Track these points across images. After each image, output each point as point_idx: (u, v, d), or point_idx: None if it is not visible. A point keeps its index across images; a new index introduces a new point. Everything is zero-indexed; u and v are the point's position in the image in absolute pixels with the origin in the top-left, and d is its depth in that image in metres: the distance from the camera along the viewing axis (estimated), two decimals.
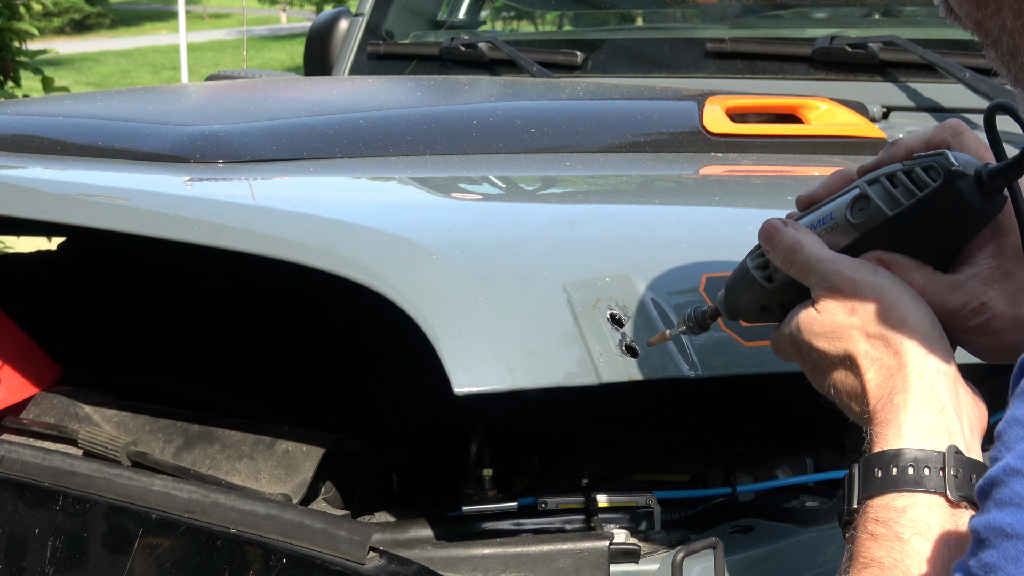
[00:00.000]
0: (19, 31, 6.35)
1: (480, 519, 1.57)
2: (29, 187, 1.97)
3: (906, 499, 1.14)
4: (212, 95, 2.73)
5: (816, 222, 1.29)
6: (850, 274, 1.22)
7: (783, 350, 1.29)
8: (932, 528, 1.12)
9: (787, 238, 1.26)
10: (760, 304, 1.31)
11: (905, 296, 1.21)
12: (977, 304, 1.24)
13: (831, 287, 1.22)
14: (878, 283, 1.21)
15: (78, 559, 1.67)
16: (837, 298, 1.22)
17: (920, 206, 1.23)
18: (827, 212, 1.28)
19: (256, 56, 27.61)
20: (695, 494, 1.66)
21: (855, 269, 1.22)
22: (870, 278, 1.22)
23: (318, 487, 1.70)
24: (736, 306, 1.34)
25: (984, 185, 1.21)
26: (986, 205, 1.22)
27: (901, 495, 1.14)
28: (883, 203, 1.24)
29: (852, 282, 1.22)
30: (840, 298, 1.22)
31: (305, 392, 2.02)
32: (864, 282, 1.21)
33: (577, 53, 3.21)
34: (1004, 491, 0.90)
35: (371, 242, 1.54)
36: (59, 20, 35.55)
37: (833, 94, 2.67)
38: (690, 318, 1.39)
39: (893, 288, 1.21)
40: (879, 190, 1.25)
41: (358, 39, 3.55)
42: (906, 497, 1.14)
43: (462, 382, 1.33)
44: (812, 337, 1.24)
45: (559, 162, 2.24)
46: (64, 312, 2.46)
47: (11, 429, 1.92)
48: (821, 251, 1.24)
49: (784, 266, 1.27)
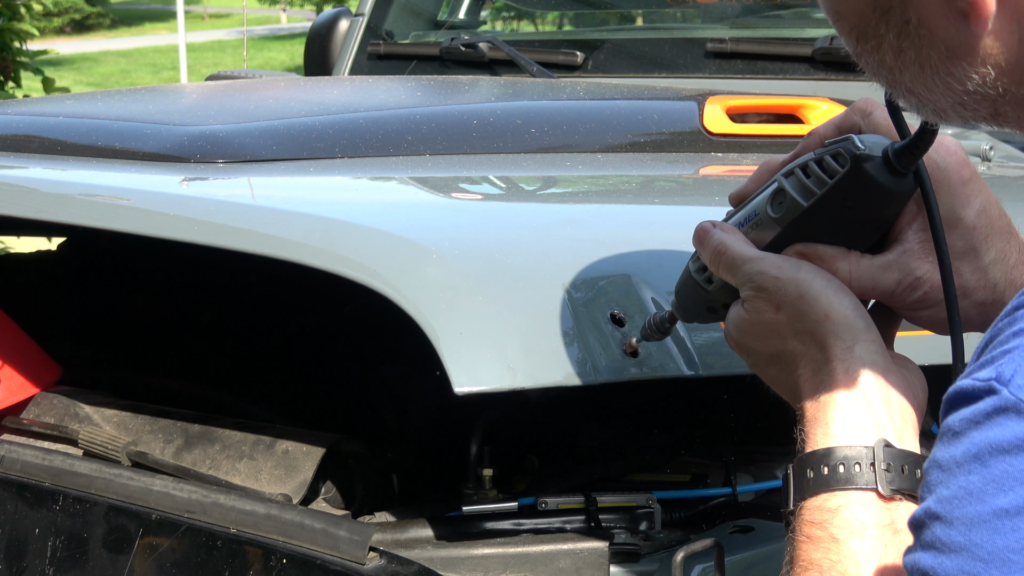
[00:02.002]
0: (19, 31, 6.35)
1: (480, 519, 1.56)
2: (29, 187, 1.97)
3: (839, 499, 1.14)
4: (212, 95, 2.73)
5: (743, 220, 1.30)
6: (773, 272, 1.23)
7: (732, 347, 1.30)
8: (867, 526, 1.13)
9: (713, 240, 1.27)
10: (706, 306, 1.33)
11: (827, 289, 1.21)
12: (911, 280, 1.25)
13: (756, 286, 1.23)
14: (800, 279, 1.22)
15: (78, 559, 1.67)
16: (763, 297, 1.23)
17: (832, 193, 1.23)
18: (752, 209, 1.30)
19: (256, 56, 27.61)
20: (695, 494, 1.66)
21: (778, 267, 1.23)
22: (792, 274, 1.22)
23: (318, 487, 1.70)
24: (686, 309, 1.36)
25: (892, 164, 1.21)
26: (898, 183, 1.23)
27: (833, 495, 1.14)
28: (798, 195, 1.25)
29: (775, 280, 1.22)
30: (765, 297, 1.22)
31: (305, 392, 2.02)
32: (787, 279, 1.22)
33: (577, 53, 3.21)
34: (927, 534, 0.91)
35: (371, 242, 1.54)
36: (59, 20, 35.56)
37: (833, 94, 2.67)
38: (650, 325, 1.41)
39: (815, 282, 1.22)
40: (794, 182, 1.26)
41: (358, 39, 3.55)
42: (838, 497, 1.14)
43: (462, 382, 1.33)
44: (744, 337, 1.25)
45: (559, 162, 2.24)
46: (64, 312, 2.46)
47: (11, 429, 1.92)
48: (746, 251, 1.25)
49: (713, 268, 1.28)
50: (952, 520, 0.89)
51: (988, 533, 0.87)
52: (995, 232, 1.27)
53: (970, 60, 0.99)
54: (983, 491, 0.88)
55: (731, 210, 1.34)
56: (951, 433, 0.91)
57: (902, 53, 1.02)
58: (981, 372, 0.90)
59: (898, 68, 1.03)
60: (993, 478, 0.87)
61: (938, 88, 1.02)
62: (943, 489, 0.90)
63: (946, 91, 1.02)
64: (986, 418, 0.88)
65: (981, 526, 0.87)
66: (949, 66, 1.00)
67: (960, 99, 1.02)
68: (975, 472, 0.88)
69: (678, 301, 1.37)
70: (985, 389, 0.89)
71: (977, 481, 0.88)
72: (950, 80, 1.01)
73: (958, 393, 0.91)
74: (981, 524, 0.87)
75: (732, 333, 1.27)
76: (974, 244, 1.26)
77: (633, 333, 1.44)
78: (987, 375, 0.89)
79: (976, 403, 0.89)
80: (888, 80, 1.05)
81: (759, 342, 1.24)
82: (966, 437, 0.89)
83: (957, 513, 0.89)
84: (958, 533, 0.88)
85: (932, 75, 1.02)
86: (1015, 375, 0.87)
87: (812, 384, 1.19)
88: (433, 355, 1.35)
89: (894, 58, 1.03)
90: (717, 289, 1.30)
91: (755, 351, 1.25)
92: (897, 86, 1.05)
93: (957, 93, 1.02)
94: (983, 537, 0.87)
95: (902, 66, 1.03)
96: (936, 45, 1.00)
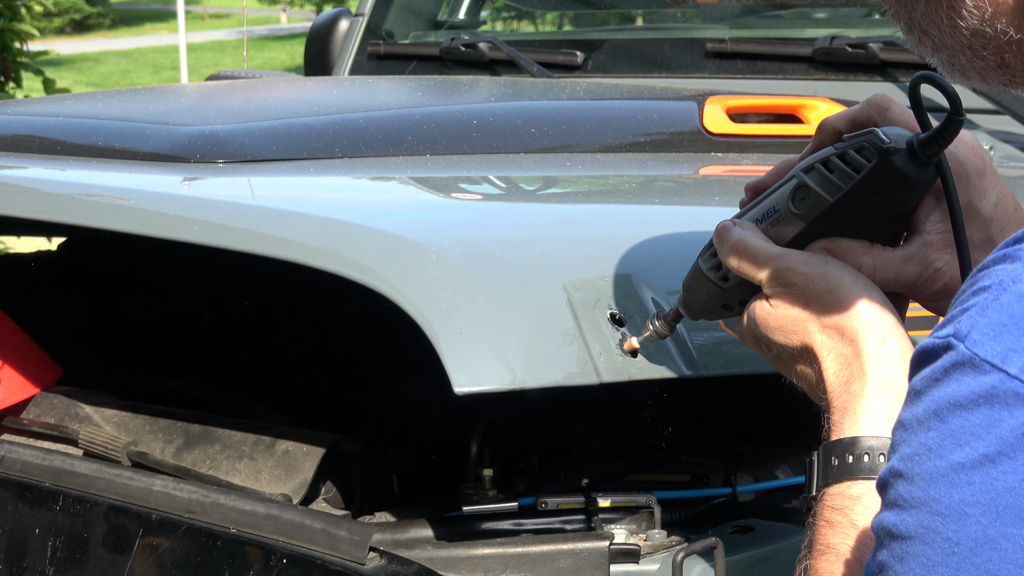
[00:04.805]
0: (20, 32, 6.35)
1: (480, 519, 1.56)
2: (29, 187, 1.97)
3: (861, 487, 1.15)
4: (212, 95, 2.73)
5: (761, 216, 1.30)
6: (801, 268, 1.24)
7: (746, 341, 1.31)
8: None
9: (733, 237, 1.28)
10: (721, 303, 1.33)
11: (857, 284, 1.23)
12: (931, 272, 1.26)
13: (784, 282, 1.24)
14: (829, 273, 1.23)
15: (78, 559, 1.67)
16: (791, 293, 1.24)
17: (859, 188, 1.23)
18: (770, 205, 1.29)
19: (256, 56, 27.61)
20: (695, 494, 1.66)
21: (805, 263, 1.24)
22: (820, 269, 1.23)
23: (318, 487, 1.70)
24: (697, 306, 1.36)
25: (917, 155, 1.22)
26: (923, 174, 1.23)
27: (857, 483, 1.16)
28: (823, 190, 1.25)
29: (803, 276, 1.23)
30: (794, 293, 1.24)
31: (305, 392, 2.02)
32: (815, 274, 1.23)
33: (577, 53, 3.21)
34: (891, 493, 0.92)
35: (371, 242, 1.54)
36: (59, 20, 35.56)
37: (833, 94, 2.67)
38: (652, 324, 1.41)
39: (844, 277, 1.23)
40: (817, 177, 1.26)
41: (358, 39, 3.55)
42: (861, 485, 1.15)
43: (462, 382, 1.33)
44: (769, 331, 1.26)
45: (559, 162, 2.24)
46: (64, 312, 2.46)
47: (11, 429, 1.92)
48: (768, 248, 1.26)
49: (734, 266, 1.28)
50: (912, 477, 0.90)
51: (945, 487, 0.88)
52: (1011, 224, 1.29)
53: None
54: (941, 446, 0.88)
55: (746, 204, 1.34)
56: (914, 392, 0.92)
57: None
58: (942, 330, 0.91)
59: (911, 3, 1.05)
60: (950, 433, 0.88)
61: (944, 25, 1.03)
62: (905, 447, 0.91)
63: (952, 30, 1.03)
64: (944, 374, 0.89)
65: (939, 481, 0.88)
66: None
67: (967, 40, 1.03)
68: (934, 428, 0.89)
69: (687, 299, 1.36)
70: (943, 346, 0.90)
71: (935, 437, 0.89)
72: (953, 15, 1.02)
73: (921, 353, 0.93)
74: (939, 479, 0.88)
75: (754, 329, 1.28)
76: (991, 235, 1.28)
77: (633, 332, 1.44)
78: (946, 332, 0.90)
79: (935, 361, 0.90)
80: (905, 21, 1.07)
81: (784, 336, 1.25)
82: (926, 395, 0.90)
83: (917, 470, 0.90)
84: (918, 489, 0.89)
85: (937, 8, 1.03)
86: (971, 330, 0.88)
87: (841, 377, 1.21)
88: (433, 355, 1.35)
89: None
90: (734, 287, 1.30)
91: (779, 344, 1.26)
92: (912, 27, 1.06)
93: (961, 31, 1.03)
94: (941, 492, 0.88)
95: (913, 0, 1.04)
96: None
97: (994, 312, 0.88)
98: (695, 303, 1.36)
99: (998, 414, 0.86)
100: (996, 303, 0.88)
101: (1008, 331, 0.87)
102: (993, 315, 0.88)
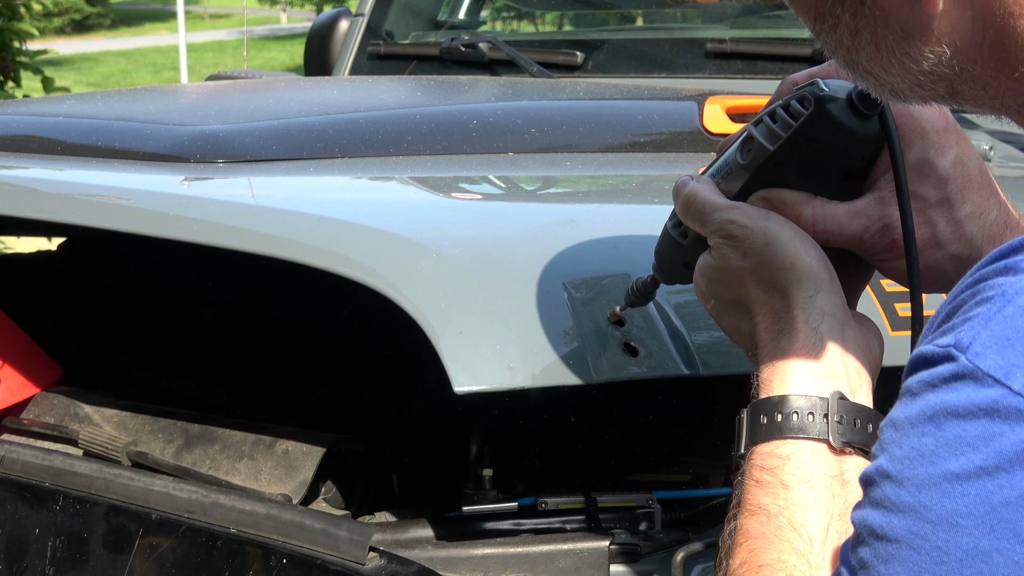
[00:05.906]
0: (19, 31, 6.35)
1: (480, 519, 1.57)
2: (29, 187, 1.97)
3: (790, 447, 1.15)
4: (212, 95, 2.73)
5: (716, 171, 1.30)
6: (742, 220, 1.23)
7: (699, 297, 1.30)
8: (816, 475, 1.14)
9: (686, 191, 1.29)
10: (682, 262, 1.33)
11: (795, 239, 1.22)
12: (880, 226, 1.25)
13: (725, 234, 1.24)
14: (768, 227, 1.22)
15: (78, 559, 1.67)
16: (731, 244, 1.23)
17: (797, 136, 1.24)
18: (724, 159, 1.30)
19: (256, 56, 27.61)
20: (695, 494, 1.66)
21: (747, 216, 1.24)
22: (761, 223, 1.23)
23: (318, 487, 1.70)
24: (665, 269, 1.36)
25: (856, 106, 1.22)
26: (863, 126, 1.22)
27: (785, 442, 1.15)
28: (765, 140, 1.25)
29: (743, 228, 1.23)
30: (734, 244, 1.23)
31: (305, 392, 2.02)
32: (755, 227, 1.23)
33: (577, 53, 3.21)
34: (877, 491, 0.92)
35: (371, 242, 1.54)
36: (59, 20, 35.56)
37: None
38: (632, 291, 1.42)
39: (783, 231, 1.22)
40: (762, 128, 1.26)
41: (358, 39, 3.55)
42: (790, 445, 1.15)
43: (462, 381, 1.33)
44: (710, 283, 1.26)
45: (559, 162, 2.24)
46: (64, 312, 2.46)
47: (11, 429, 1.92)
48: (715, 200, 1.26)
49: (684, 218, 1.29)
50: (903, 480, 0.89)
51: (937, 496, 0.88)
52: (972, 185, 1.26)
53: (925, 40, 1.00)
54: (935, 453, 0.88)
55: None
56: (909, 394, 0.92)
57: (858, 33, 1.03)
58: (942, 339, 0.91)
59: (855, 48, 1.04)
60: (946, 441, 0.88)
61: (894, 68, 1.02)
62: (896, 448, 0.91)
63: (902, 71, 1.02)
64: (943, 382, 0.89)
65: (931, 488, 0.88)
66: (904, 46, 1.01)
67: (916, 79, 1.02)
68: (928, 434, 0.89)
69: (657, 262, 1.37)
70: (944, 355, 0.89)
71: (930, 443, 0.89)
72: (906, 60, 1.01)
73: (919, 357, 0.92)
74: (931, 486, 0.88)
75: (698, 280, 1.27)
76: (948, 195, 1.25)
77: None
78: (947, 342, 0.90)
79: (935, 367, 0.90)
80: (846, 60, 1.06)
81: (723, 289, 1.25)
82: (922, 398, 0.90)
83: (908, 473, 0.89)
84: (908, 494, 0.89)
85: (888, 55, 1.02)
86: (973, 343, 0.88)
87: (771, 332, 1.20)
88: (433, 355, 1.35)
89: (851, 38, 1.04)
90: (691, 243, 1.30)
91: (718, 297, 1.26)
92: (855, 66, 1.06)
93: (913, 73, 1.02)
94: (932, 499, 0.88)
95: (858, 46, 1.04)
96: (891, 25, 1.01)
97: (997, 325, 0.88)
98: (662, 264, 1.37)
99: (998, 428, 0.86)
100: (999, 315, 0.88)
101: (1012, 345, 0.87)
102: (996, 328, 0.88)
